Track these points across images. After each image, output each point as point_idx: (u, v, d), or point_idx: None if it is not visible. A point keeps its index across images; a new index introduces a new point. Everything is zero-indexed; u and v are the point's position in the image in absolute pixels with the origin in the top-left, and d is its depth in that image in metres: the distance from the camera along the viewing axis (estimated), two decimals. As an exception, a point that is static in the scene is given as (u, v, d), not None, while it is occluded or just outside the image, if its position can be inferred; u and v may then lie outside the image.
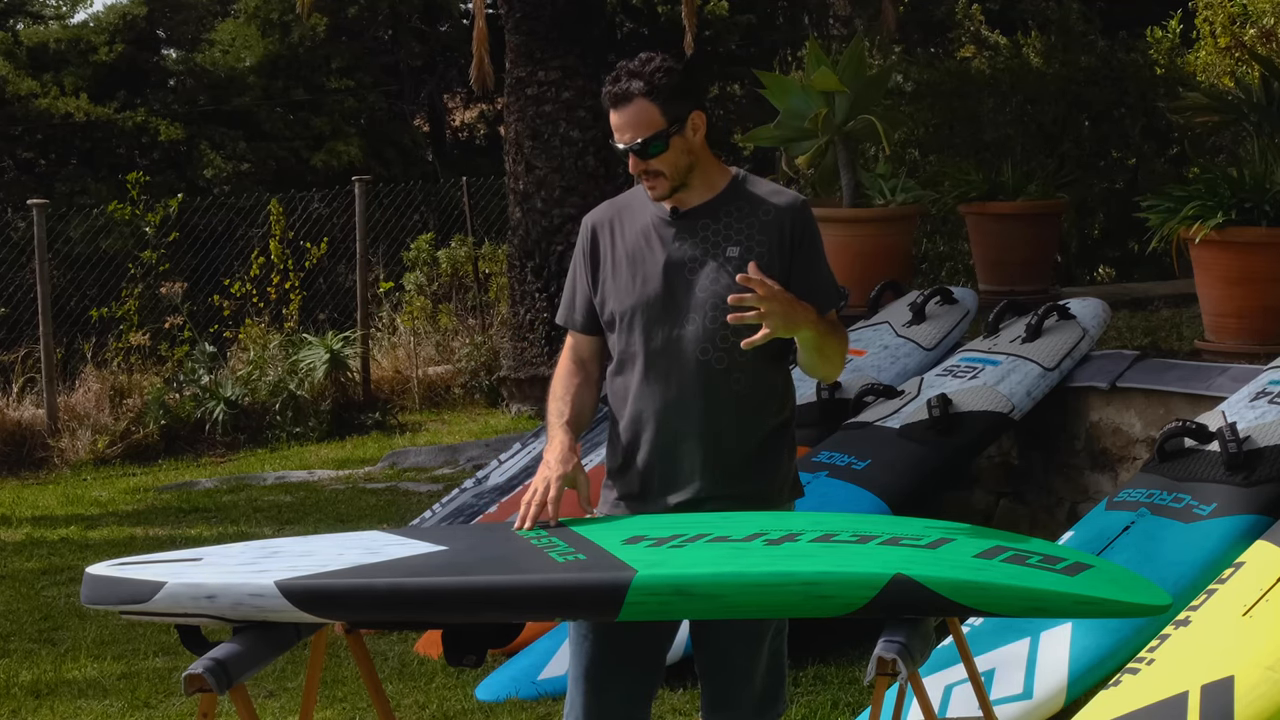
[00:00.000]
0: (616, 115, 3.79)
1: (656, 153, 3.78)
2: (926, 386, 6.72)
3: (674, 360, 3.77)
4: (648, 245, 3.84)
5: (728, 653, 3.88)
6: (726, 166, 3.92)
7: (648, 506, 3.87)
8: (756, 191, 3.86)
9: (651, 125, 3.77)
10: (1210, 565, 5.04)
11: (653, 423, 3.83)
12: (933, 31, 16.75)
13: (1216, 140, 10.38)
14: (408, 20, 21.48)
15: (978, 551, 3.45)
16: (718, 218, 3.83)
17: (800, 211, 3.86)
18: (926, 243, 10.67)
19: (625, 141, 3.78)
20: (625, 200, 3.96)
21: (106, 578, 3.43)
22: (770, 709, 3.95)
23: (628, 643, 3.81)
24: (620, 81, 3.79)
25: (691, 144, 3.82)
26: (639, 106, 3.77)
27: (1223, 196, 6.33)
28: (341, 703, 5.72)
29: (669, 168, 3.79)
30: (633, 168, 3.80)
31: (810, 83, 8.50)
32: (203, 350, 11.67)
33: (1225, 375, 6.11)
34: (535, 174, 11.09)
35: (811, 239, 3.85)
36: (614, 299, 3.86)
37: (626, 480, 3.91)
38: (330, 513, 8.78)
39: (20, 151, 19.29)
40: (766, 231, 3.81)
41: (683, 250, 3.82)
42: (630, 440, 3.88)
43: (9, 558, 8.23)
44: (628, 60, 3.85)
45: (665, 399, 3.80)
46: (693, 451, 3.81)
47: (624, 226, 3.89)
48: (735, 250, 3.79)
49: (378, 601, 3.37)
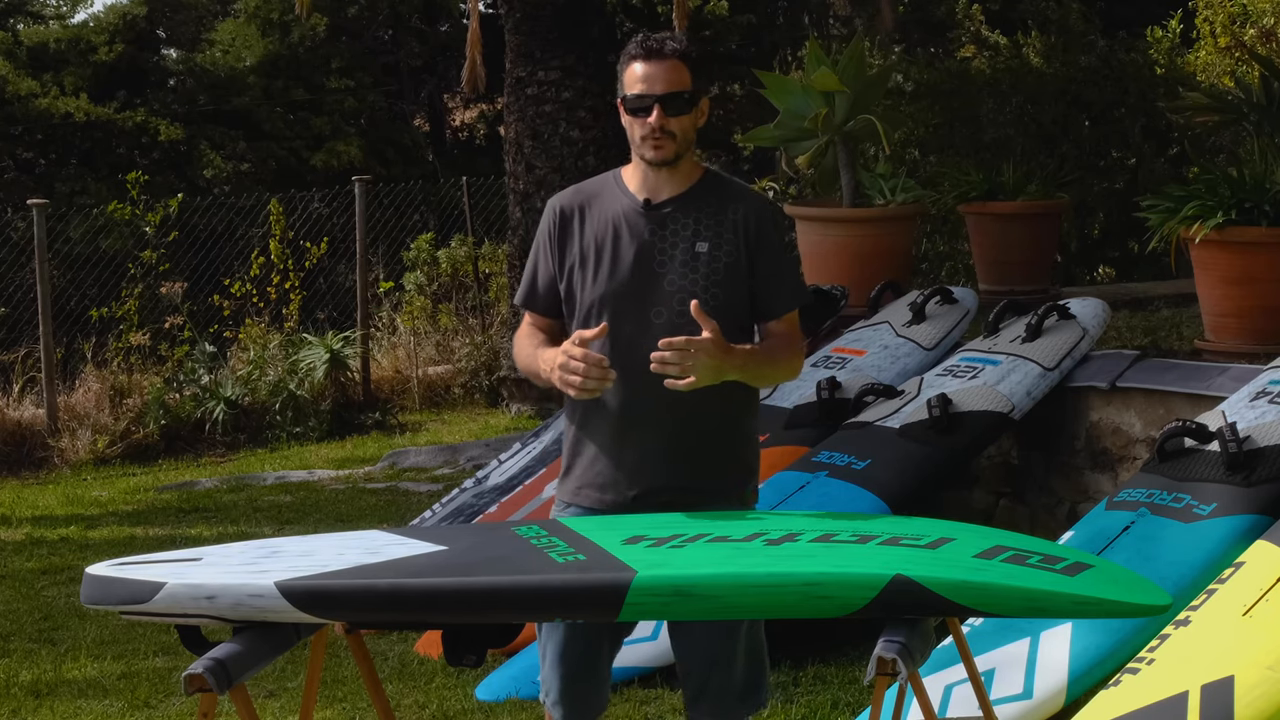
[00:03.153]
0: (649, 66, 3.81)
1: (681, 111, 3.81)
2: (926, 386, 6.72)
3: (640, 352, 3.75)
4: (617, 235, 3.85)
5: (704, 644, 3.89)
6: (698, 162, 3.95)
7: (607, 497, 3.88)
8: (727, 189, 3.90)
9: (683, 84, 3.81)
10: (1210, 565, 5.04)
11: (616, 413, 3.84)
12: (933, 31, 16.74)
13: (1216, 140, 10.37)
14: (408, 20, 21.49)
15: (978, 551, 3.45)
16: (688, 212, 3.86)
17: (768, 212, 3.91)
18: (926, 243, 10.67)
19: (659, 90, 3.78)
20: (594, 187, 3.96)
21: (106, 578, 3.43)
22: (753, 698, 3.96)
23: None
24: (655, 39, 3.84)
25: (697, 124, 3.87)
26: (675, 64, 3.82)
27: (1223, 196, 6.33)
28: (341, 703, 5.72)
29: (682, 133, 3.83)
30: (654, 120, 3.79)
31: (810, 83, 8.50)
32: (203, 350, 11.67)
33: (1225, 375, 6.11)
34: (535, 174, 11.08)
35: (776, 239, 3.89)
36: (581, 287, 3.87)
37: (587, 471, 3.91)
38: (330, 513, 8.78)
39: (20, 151, 19.30)
40: (734, 230, 3.84)
41: (653, 243, 3.84)
42: (592, 430, 3.89)
43: (9, 558, 8.23)
44: (654, 32, 3.92)
45: (630, 390, 3.80)
46: (655, 443, 3.84)
47: (593, 213, 3.89)
48: (704, 246, 3.82)
49: (378, 602, 3.37)
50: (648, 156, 3.84)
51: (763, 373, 3.87)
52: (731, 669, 3.90)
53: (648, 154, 3.84)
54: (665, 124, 3.79)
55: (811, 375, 7.15)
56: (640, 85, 3.80)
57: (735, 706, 3.94)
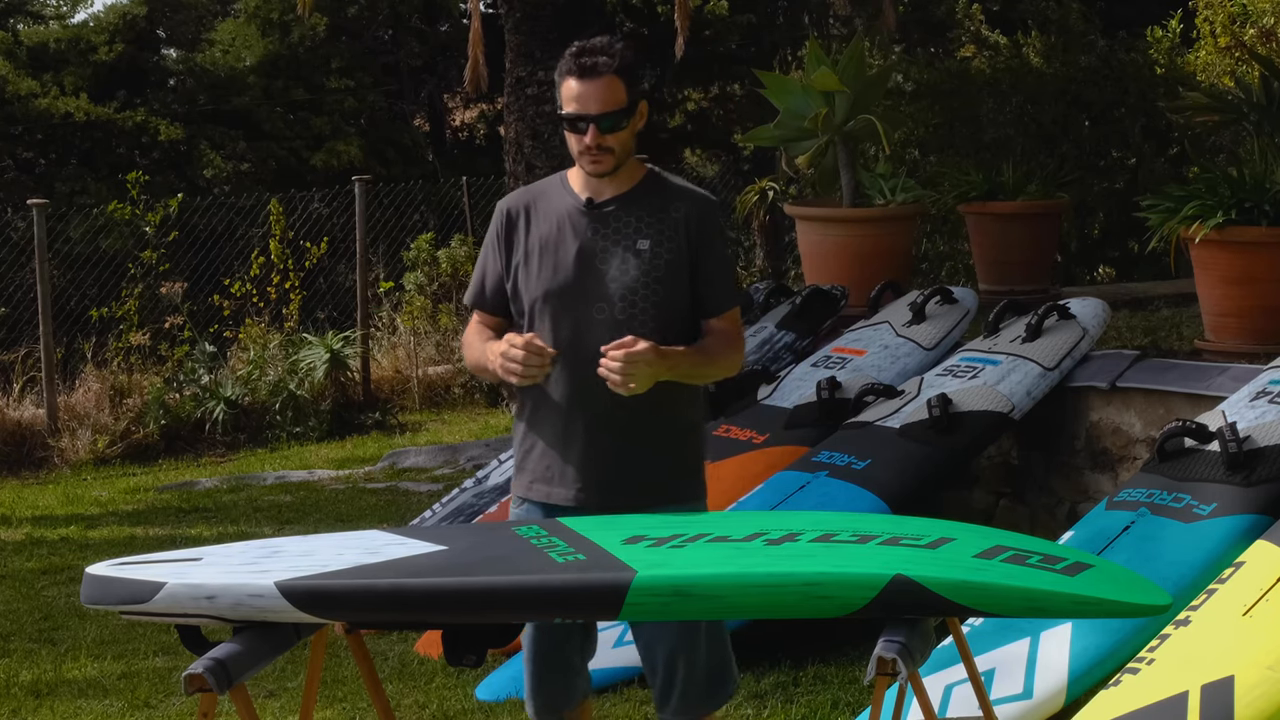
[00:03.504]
0: (583, 85, 3.86)
1: (617, 128, 3.87)
2: (926, 386, 6.72)
3: (583, 348, 3.85)
4: (560, 234, 3.93)
5: (663, 639, 3.95)
6: (641, 162, 4.01)
7: (555, 490, 3.95)
8: (669, 188, 3.96)
9: (618, 102, 3.86)
10: (1210, 565, 5.04)
11: (562, 410, 3.93)
12: (933, 31, 16.73)
13: (1216, 140, 10.37)
14: (408, 20, 21.47)
15: (978, 551, 3.45)
16: (630, 210, 3.92)
17: (708, 210, 3.97)
18: (926, 243, 10.67)
19: (591, 111, 3.85)
20: (540, 188, 4.05)
21: (106, 578, 3.43)
22: (721, 690, 4.01)
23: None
24: (589, 54, 3.88)
25: (636, 130, 3.93)
26: (609, 81, 3.86)
27: (1223, 196, 6.33)
28: (341, 703, 5.72)
29: (620, 146, 3.89)
30: (590, 139, 3.87)
31: (810, 83, 8.50)
32: (203, 350, 11.66)
33: (1225, 375, 6.11)
34: (535, 174, 11.06)
35: (716, 238, 3.96)
36: (525, 286, 3.95)
37: (537, 465, 3.98)
38: (330, 513, 8.78)
39: (20, 151, 19.28)
40: (675, 228, 3.91)
41: (595, 240, 3.91)
42: (540, 425, 3.97)
43: (9, 558, 8.23)
44: (591, 39, 3.94)
45: (574, 386, 3.90)
46: (600, 435, 3.91)
47: (538, 214, 3.98)
48: (645, 244, 3.89)
49: (378, 602, 3.38)
50: (587, 169, 3.94)
51: (701, 371, 3.94)
52: (695, 664, 3.95)
53: (586, 167, 3.93)
54: (602, 141, 3.87)
55: (811, 375, 7.15)
56: (575, 104, 3.88)
57: (704, 700, 3.98)
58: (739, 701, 5.45)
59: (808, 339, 7.84)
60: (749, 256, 14.41)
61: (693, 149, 20.54)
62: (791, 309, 7.97)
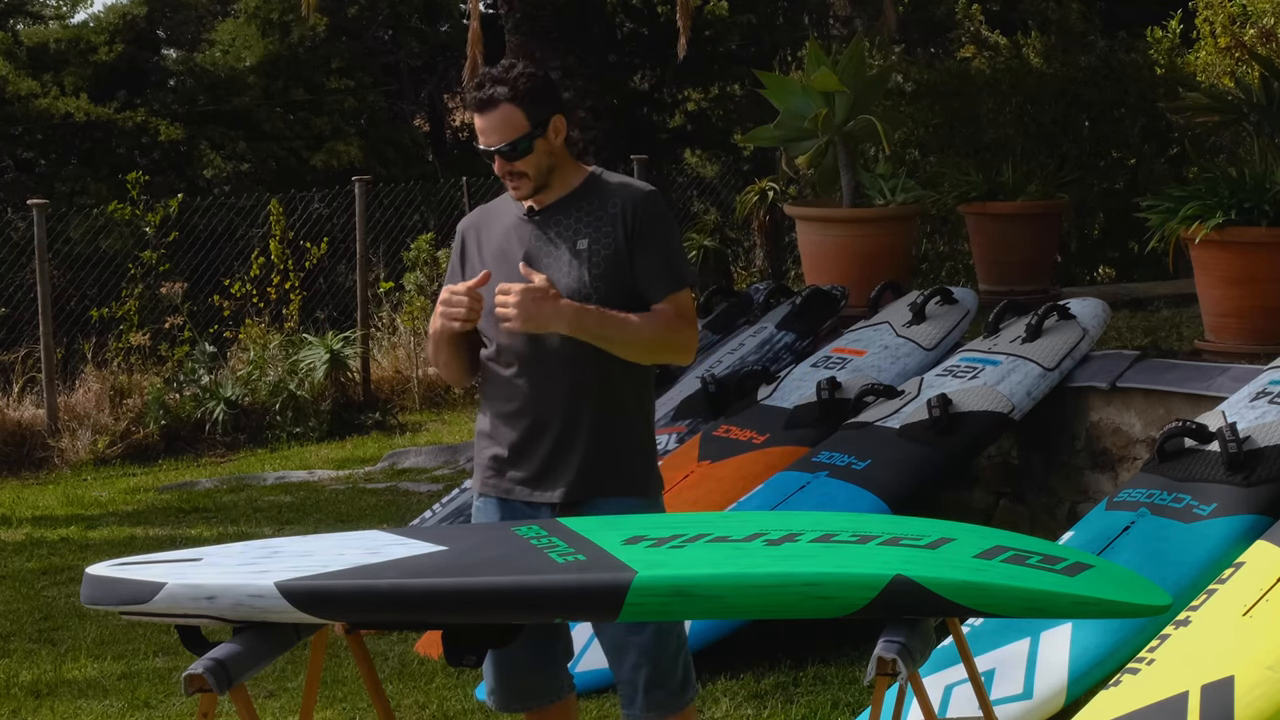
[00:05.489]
0: (482, 119, 3.97)
1: (521, 155, 3.96)
2: (926, 386, 6.72)
3: (531, 351, 3.99)
4: (508, 244, 4.05)
5: (631, 642, 4.01)
6: (584, 166, 4.11)
7: (504, 484, 4.06)
8: (608, 187, 4.05)
9: (517, 129, 3.96)
10: (1210, 565, 5.04)
11: (515, 412, 4.04)
12: (933, 31, 16.72)
13: (1216, 140, 10.37)
14: (408, 20, 21.48)
15: (978, 552, 3.45)
16: (569, 213, 4.03)
17: (644, 201, 4.04)
18: (926, 243, 10.67)
19: (492, 144, 3.96)
20: (493, 205, 4.18)
21: (106, 578, 3.43)
22: (690, 689, 4.09)
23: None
24: (485, 88, 3.98)
25: (553, 146, 4.01)
26: (505, 111, 3.96)
27: (1223, 196, 6.33)
28: (341, 703, 5.72)
29: (532, 169, 3.99)
30: (498, 169, 4.00)
31: (810, 83, 8.51)
32: (203, 350, 11.66)
33: (1225, 375, 6.11)
34: (535, 174, 11.08)
35: (652, 227, 4.02)
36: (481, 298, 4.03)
37: (491, 460, 4.08)
38: (330, 513, 8.78)
39: (20, 151, 19.29)
40: (612, 223, 4.00)
41: (538, 245, 4.02)
42: (497, 430, 4.07)
43: (9, 558, 8.23)
44: (491, 68, 4.04)
45: (525, 389, 4.01)
46: (552, 440, 4.01)
47: (490, 230, 4.11)
48: (584, 243, 4.00)
49: (378, 602, 3.38)
50: (511, 195, 4.06)
51: (621, 339, 3.96)
52: (661, 662, 4.01)
53: (510, 193, 4.06)
54: (511, 169, 3.99)
55: (811, 375, 7.16)
56: (480, 138, 4.00)
57: (677, 697, 4.02)
58: (739, 701, 5.46)
59: (808, 339, 7.85)
60: (749, 256, 14.40)
61: (693, 149, 20.54)
62: (791, 309, 7.98)
